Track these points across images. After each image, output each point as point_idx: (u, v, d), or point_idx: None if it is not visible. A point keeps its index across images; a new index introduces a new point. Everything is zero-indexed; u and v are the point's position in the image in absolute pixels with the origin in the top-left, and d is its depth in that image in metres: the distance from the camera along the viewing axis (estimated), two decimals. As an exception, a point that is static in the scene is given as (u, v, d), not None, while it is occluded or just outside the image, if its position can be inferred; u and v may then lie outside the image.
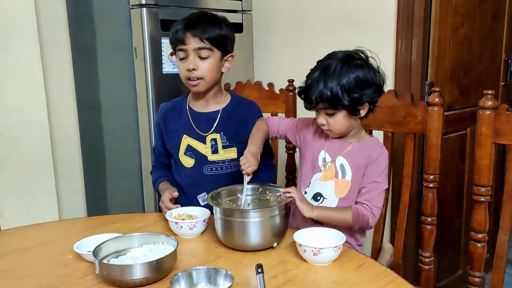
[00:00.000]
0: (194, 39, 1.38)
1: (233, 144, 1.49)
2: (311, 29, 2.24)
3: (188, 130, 1.49)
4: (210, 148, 1.48)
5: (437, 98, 1.33)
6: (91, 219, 1.47)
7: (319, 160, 1.33)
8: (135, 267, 0.95)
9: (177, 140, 1.50)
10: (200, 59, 1.40)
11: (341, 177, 1.31)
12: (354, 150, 1.31)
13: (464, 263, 2.30)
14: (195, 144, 1.49)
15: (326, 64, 1.24)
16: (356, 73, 1.21)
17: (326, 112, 1.25)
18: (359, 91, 1.21)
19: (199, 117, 1.50)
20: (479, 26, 2.15)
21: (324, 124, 1.27)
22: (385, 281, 0.99)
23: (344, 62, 1.22)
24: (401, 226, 1.44)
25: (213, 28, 1.40)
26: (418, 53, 1.91)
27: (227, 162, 1.49)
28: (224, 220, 1.16)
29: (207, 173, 1.48)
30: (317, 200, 1.33)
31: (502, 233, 1.21)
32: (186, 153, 1.50)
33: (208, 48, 1.40)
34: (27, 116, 2.03)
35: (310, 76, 1.26)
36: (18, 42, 1.97)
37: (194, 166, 1.49)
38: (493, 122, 1.20)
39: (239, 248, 1.16)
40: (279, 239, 1.18)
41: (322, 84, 1.21)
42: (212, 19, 1.42)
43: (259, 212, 1.15)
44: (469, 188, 2.19)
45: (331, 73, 1.21)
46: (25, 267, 1.09)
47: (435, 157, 1.36)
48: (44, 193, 2.12)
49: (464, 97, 2.16)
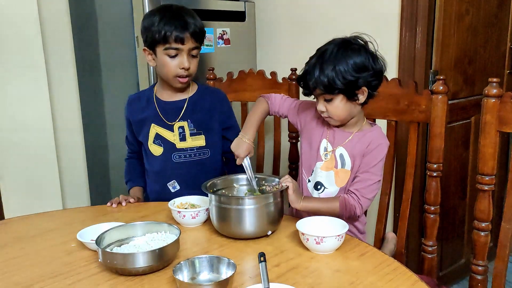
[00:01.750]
0: (191, 39, 1.41)
1: (201, 132, 1.52)
2: (314, 17, 2.22)
3: (156, 119, 1.52)
4: (178, 136, 1.51)
5: (441, 86, 1.32)
6: (94, 208, 1.47)
7: (321, 148, 1.33)
8: (138, 256, 0.96)
9: (145, 130, 1.53)
10: (191, 57, 1.44)
11: (341, 167, 1.31)
12: (354, 140, 1.30)
13: (467, 252, 2.30)
14: (163, 132, 1.51)
15: (323, 50, 1.24)
16: (353, 58, 1.20)
17: (325, 98, 1.24)
18: (356, 74, 1.20)
19: (165, 106, 1.53)
20: (484, 14, 2.13)
21: (324, 111, 1.27)
22: (388, 270, 0.99)
23: (340, 47, 1.22)
24: (404, 215, 1.44)
25: (200, 24, 1.43)
26: (422, 41, 1.89)
27: (196, 149, 1.52)
28: (218, 207, 1.15)
29: (175, 160, 1.51)
30: (317, 189, 1.33)
31: (506, 221, 1.20)
32: (155, 141, 1.52)
33: (199, 47, 1.45)
34: (30, 108, 2.03)
35: (308, 63, 1.26)
36: (21, 34, 1.96)
37: (163, 154, 1.52)
38: (498, 110, 1.19)
39: (233, 236, 1.15)
40: (273, 227, 1.18)
41: (318, 70, 1.21)
42: (193, 15, 1.44)
43: (253, 199, 1.14)
44: (473, 177, 2.18)
45: (327, 58, 1.21)
46: (29, 255, 1.10)
47: (439, 146, 1.35)
48: (48, 185, 2.13)
49: (468, 85, 2.14)
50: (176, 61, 1.42)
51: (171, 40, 1.39)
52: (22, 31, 1.96)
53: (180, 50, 1.41)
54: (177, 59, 1.42)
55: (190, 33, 1.39)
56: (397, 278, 0.95)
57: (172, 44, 1.39)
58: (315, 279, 0.95)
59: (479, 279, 1.26)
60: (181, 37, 1.38)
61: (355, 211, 1.26)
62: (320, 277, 0.96)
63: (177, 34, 1.38)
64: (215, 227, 1.19)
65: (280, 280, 0.94)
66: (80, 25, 2.21)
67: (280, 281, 0.93)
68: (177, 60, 1.42)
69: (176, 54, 1.41)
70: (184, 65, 1.42)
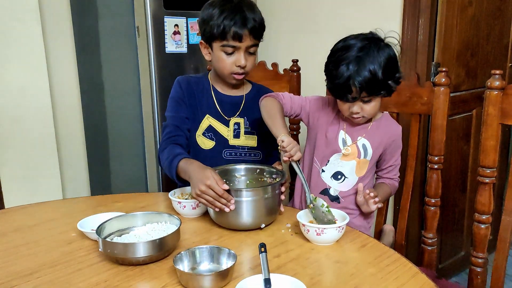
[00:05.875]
0: (250, 37, 1.34)
1: (254, 132, 1.48)
2: (315, 9, 2.21)
3: (212, 111, 1.45)
4: (232, 132, 1.45)
5: (443, 79, 1.31)
6: (94, 198, 1.47)
7: (339, 140, 1.33)
8: (139, 245, 0.96)
9: (197, 119, 1.44)
10: (248, 55, 1.38)
11: (363, 157, 1.32)
12: (373, 130, 1.32)
13: (467, 244, 2.31)
14: (218, 126, 1.45)
15: (352, 52, 1.17)
16: (388, 53, 1.18)
17: (363, 99, 1.22)
18: (398, 72, 1.21)
19: (224, 99, 1.47)
20: (487, 6, 2.11)
21: (359, 111, 1.24)
22: (388, 261, 0.99)
23: (371, 45, 1.18)
24: (404, 207, 1.44)
25: (260, 18, 1.36)
26: (425, 33, 1.88)
27: (247, 149, 1.47)
28: None
29: (225, 157, 1.45)
30: (337, 179, 1.34)
31: (507, 214, 1.20)
32: (206, 134, 1.44)
33: (257, 44, 1.38)
34: (30, 97, 2.02)
35: (341, 67, 1.18)
36: (20, 20, 1.94)
37: (214, 148, 1.44)
38: (501, 103, 1.18)
39: (228, 227, 1.15)
40: (269, 220, 1.17)
41: (362, 71, 1.15)
42: (253, 8, 1.36)
43: (247, 192, 1.12)
44: (473, 170, 2.18)
45: (367, 58, 1.16)
46: (29, 245, 1.10)
47: (440, 138, 1.35)
48: (48, 174, 2.12)
49: (470, 78, 2.13)
50: (232, 58, 1.36)
51: (229, 37, 1.32)
52: (22, 17, 1.95)
53: (238, 48, 1.35)
54: (234, 56, 1.36)
55: (249, 30, 1.32)
56: (397, 270, 0.95)
57: (230, 42, 1.33)
58: (315, 270, 0.95)
59: (479, 271, 1.26)
60: (240, 34, 1.31)
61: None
62: (320, 268, 0.97)
63: (236, 31, 1.31)
64: (211, 218, 1.19)
65: (280, 270, 0.94)
66: (80, 12, 2.20)
67: (281, 271, 0.93)
68: (234, 57, 1.36)
69: (233, 52, 1.35)
70: (240, 62, 1.36)
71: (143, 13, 1.93)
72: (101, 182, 2.38)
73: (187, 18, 2.00)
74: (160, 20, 1.94)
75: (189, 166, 1.19)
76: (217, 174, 1.12)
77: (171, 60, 1.99)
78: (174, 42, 1.99)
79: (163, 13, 1.93)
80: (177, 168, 1.23)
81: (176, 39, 2.00)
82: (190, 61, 2.07)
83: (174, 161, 1.24)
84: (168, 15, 1.96)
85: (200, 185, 1.10)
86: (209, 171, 1.12)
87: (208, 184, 1.09)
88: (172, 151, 1.30)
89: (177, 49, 2.01)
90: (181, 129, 1.41)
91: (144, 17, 1.93)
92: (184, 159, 1.23)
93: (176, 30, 1.99)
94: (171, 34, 1.98)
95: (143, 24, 1.94)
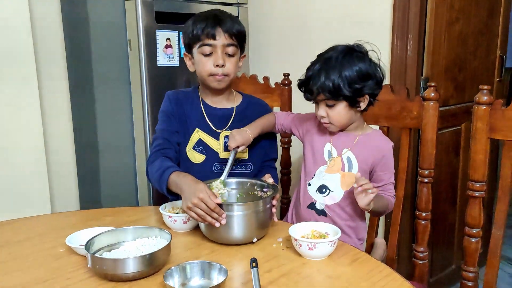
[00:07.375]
0: (224, 34, 1.36)
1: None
2: (307, 23, 2.23)
3: (201, 124, 1.45)
4: (223, 145, 1.44)
5: (432, 93, 1.33)
6: (83, 213, 1.45)
7: (325, 152, 1.34)
8: (128, 261, 0.94)
9: (187, 133, 1.44)
10: (226, 56, 1.38)
11: (348, 170, 1.32)
12: (360, 143, 1.32)
13: (458, 258, 2.31)
14: (208, 140, 1.44)
15: (327, 56, 1.25)
16: (358, 65, 1.22)
17: (327, 103, 1.25)
18: (361, 82, 1.21)
19: (213, 112, 1.46)
20: (474, 22, 2.15)
21: (324, 116, 1.27)
22: (380, 276, 0.99)
23: (345, 54, 1.23)
24: (395, 221, 1.44)
25: (237, 25, 1.39)
26: (414, 48, 1.91)
27: (238, 161, 1.46)
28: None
29: (216, 171, 1.42)
30: (322, 192, 1.33)
31: (497, 228, 1.21)
32: (196, 148, 1.44)
33: (235, 45, 1.39)
34: (20, 112, 1.99)
35: (311, 68, 1.27)
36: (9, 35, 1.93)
37: (204, 162, 1.43)
38: (489, 117, 1.20)
39: (219, 241, 1.14)
40: (260, 234, 1.17)
41: (323, 75, 1.22)
42: (232, 17, 1.41)
43: (238, 206, 1.12)
44: (463, 184, 2.20)
45: (333, 64, 1.22)
46: (16, 260, 1.08)
47: (430, 152, 1.36)
48: (36, 188, 2.09)
49: (458, 92, 2.16)
50: (210, 59, 1.37)
51: (203, 37, 1.35)
52: (13, 33, 1.93)
53: (214, 47, 1.36)
54: (212, 57, 1.37)
55: (222, 29, 1.35)
56: (389, 285, 0.95)
57: (204, 41, 1.35)
58: (307, 285, 0.95)
59: (470, 285, 1.26)
60: (213, 33, 1.34)
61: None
62: (312, 283, 0.96)
63: (209, 30, 1.34)
64: (202, 232, 1.18)
65: (272, 286, 0.93)
66: (73, 28, 2.20)
67: (272, 287, 0.92)
68: (212, 58, 1.37)
69: (210, 53, 1.36)
70: (218, 62, 1.36)
71: (135, 27, 1.93)
72: (91, 196, 2.36)
73: (179, 32, 2.00)
74: (152, 33, 1.94)
75: (182, 179, 1.19)
76: (209, 188, 1.13)
77: (163, 73, 1.99)
78: (166, 56, 1.99)
79: (155, 27, 1.94)
80: (168, 181, 1.23)
81: (168, 53, 2.01)
82: (182, 75, 2.08)
83: (165, 174, 1.24)
84: (160, 29, 1.97)
85: (193, 198, 1.09)
86: (202, 184, 1.13)
87: (200, 197, 1.08)
88: (162, 163, 1.29)
89: (169, 62, 2.01)
90: (171, 142, 1.41)
91: (136, 31, 1.93)
92: (176, 172, 1.23)
93: (168, 44, 2.00)
94: (163, 47, 1.98)
95: (135, 38, 1.94)
